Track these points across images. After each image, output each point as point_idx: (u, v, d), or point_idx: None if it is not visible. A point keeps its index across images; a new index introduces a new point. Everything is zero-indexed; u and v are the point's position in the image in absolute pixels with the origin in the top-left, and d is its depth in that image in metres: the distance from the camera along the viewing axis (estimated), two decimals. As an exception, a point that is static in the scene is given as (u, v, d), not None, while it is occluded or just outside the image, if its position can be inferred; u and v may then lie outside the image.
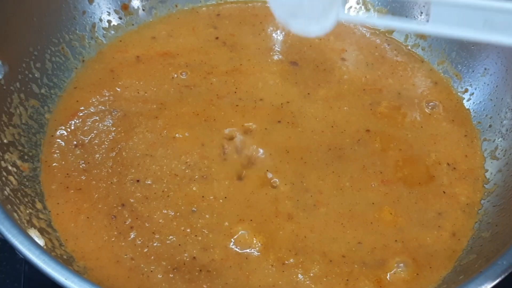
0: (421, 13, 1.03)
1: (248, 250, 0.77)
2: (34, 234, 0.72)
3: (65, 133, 0.88)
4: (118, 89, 0.93)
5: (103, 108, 0.91)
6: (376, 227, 0.80)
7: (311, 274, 0.75)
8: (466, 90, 0.97)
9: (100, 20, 1.01)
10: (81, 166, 0.84)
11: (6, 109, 0.84)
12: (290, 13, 0.65)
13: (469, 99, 0.96)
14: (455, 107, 0.96)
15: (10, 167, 0.79)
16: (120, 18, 1.03)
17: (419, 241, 0.79)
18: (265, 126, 0.89)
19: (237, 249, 0.77)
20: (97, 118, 0.89)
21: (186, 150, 0.86)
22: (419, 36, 1.03)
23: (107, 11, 1.02)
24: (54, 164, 0.84)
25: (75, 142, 0.86)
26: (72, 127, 0.88)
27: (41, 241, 0.72)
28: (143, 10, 1.05)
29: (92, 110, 0.90)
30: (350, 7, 1.08)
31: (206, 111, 0.91)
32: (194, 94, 0.93)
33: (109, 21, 1.02)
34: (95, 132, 0.88)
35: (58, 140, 0.87)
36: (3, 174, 0.77)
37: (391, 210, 0.82)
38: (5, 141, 0.81)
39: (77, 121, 0.89)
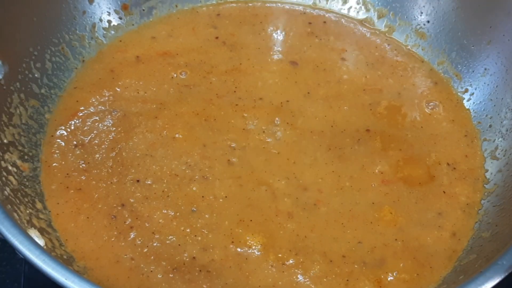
0: (421, 13, 1.03)
1: (248, 250, 0.77)
2: (34, 234, 0.72)
3: (65, 133, 0.88)
4: (118, 89, 0.93)
5: (103, 108, 0.91)
6: (376, 227, 0.80)
7: (311, 274, 0.75)
8: (466, 90, 0.97)
9: (100, 20, 1.01)
10: (81, 166, 0.84)
11: (6, 109, 0.84)
12: None
13: (469, 99, 0.96)
14: (455, 107, 0.95)
15: (10, 167, 0.79)
16: (120, 18, 1.03)
17: (419, 241, 0.79)
18: (264, 125, 0.89)
19: (237, 249, 0.77)
20: (97, 118, 0.89)
21: (186, 150, 0.86)
22: (419, 36, 1.03)
23: (107, 11, 1.02)
24: (54, 164, 0.84)
25: (75, 142, 0.86)
26: (72, 127, 0.88)
27: (41, 241, 0.72)
28: (143, 10, 1.05)
29: (92, 110, 0.90)
30: (350, 7, 1.08)
31: (206, 111, 0.91)
32: (194, 94, 0.93)
33: (109, 21, 1.02)
34: (95, 132, 0.88)
35: (58, 140, 0.87)
36: (3, 174, 0.77)
37: (391, 210, 0.82)
38: (5, 141, 0.81)
39: (77, 121, 0.89)
